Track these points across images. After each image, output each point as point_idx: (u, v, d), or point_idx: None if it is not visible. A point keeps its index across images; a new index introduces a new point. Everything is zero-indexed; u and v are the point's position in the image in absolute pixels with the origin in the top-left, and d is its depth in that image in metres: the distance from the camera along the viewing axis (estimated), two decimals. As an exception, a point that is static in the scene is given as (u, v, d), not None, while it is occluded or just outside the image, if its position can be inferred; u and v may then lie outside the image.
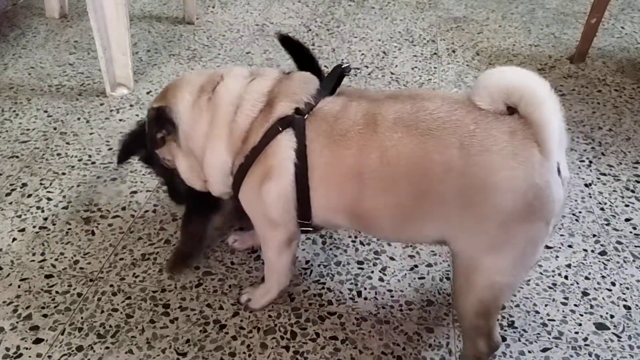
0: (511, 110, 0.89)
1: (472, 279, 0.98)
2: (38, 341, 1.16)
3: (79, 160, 1.70)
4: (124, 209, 1.51)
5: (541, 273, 1.35)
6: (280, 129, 1.00)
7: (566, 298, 1.28)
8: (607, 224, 1.50)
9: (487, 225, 0.91)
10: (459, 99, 0.94)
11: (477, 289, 0.98)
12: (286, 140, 1.00)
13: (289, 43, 1.22)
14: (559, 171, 0.88)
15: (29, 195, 1.55)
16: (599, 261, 1.39)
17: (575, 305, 1.27)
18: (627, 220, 1.52)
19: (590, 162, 1.74)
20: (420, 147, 0.92)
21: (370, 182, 0.97)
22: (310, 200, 1.03)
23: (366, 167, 0.96)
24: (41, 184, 1.60)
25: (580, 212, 1.54)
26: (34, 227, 1.45)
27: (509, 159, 0.87)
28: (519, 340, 1.18)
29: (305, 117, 1.00)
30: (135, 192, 1.57)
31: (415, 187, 0.94)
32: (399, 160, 0.94)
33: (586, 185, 1.64)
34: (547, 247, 1.42)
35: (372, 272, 1.34)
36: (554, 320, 1.23)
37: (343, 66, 1.08)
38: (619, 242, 1.44)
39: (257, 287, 1.25)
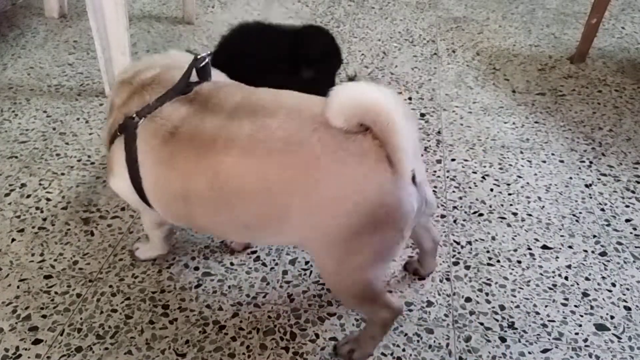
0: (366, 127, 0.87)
1: (336, 279, 1.01)
2: (37, 342, 1.16)
3: (78, 160, 1.69)
4: (123, 209, 1.51)
5: (541, 274, 1.34)
6: (119, 133, 1.04)
7: (566, 299, 1.28)
8: (607, 225, 1.50)
9: (337, 240, 0.91)
10: (308, 114, 0.90)
11: (345, 287, 1.01)
12: (118, 146, 1.04)
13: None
14: (414, 178, 0.88)
15: (28, 196, 1.55)
16: (599, 262, 1.38)
17: (576, 306, 1.27)
18: (627, 220, 1.52)
19: (591, 162, 1.74)
20: (258, 171, 0.89)
21: (200, 204, 0.97)
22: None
23: (193, 191, 0.96)
24: (40, 184, 1.59)
25: (580, 213, 1.53)
26: (33, 227, 1.44)
27: (358, 182, 0.86)
28: (519, 341, 1.18)
29: (138, 123, 1.00)
30: (134, 192, 1.57)
31: (256, 209, 0.93)
32: (233, 184, 0.92)
33: (586, 185, 1.64)
34: (547, 247, 1.42)
35: (372, 272, 1.34)
36: (554, 321, 1.23)
37: (198, 57, 1.04)
38: (619, 243, 1.44)
39: (147, 242, 1.33)
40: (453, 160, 1.74)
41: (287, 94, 0.97)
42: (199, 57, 1.04)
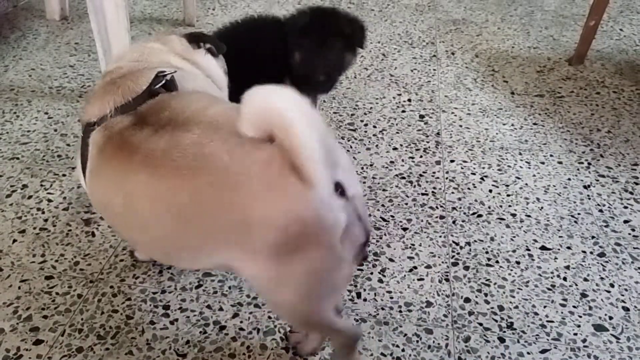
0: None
1: (276, 308, 0.98)
2: (38, 342, 1.16)
3: (79, 161, 1.70)
4: (124, 210, 1.51)
5: (540, 275, 1.35)
6: (82, 134, 1.01)
7: (565, 299, 1.29)
8: (605, 226, 1.50)
9: (258, 261, 0.82)
10: (223, 124, 0.84)
11: (288, 316, 0.98)
12: (79, 146, 1.02)
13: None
14: (342, 192, 0.79)
15: (30, 197, 1.56)
16: (598, 263, 1.39)
17: (574, 306, 1.27)
18: (625, 222, 1.52)
19: (589, 163, 1.75)
20: (166, 191, 0.83)
21: (120, 222, 0.96)
22: None
23: (113, 208, 0.93)
24: (41, 185, 1.60)
25: (579, 214, 1.54)
26: (34, 228, 1.45)
27: (264, 193, 0.78)
28: (518, 342, 1.19)
29: (94, 129, 0.96)
30: (135, 193, 1.58)
31: (172, 229, 0.88)
32: (143, 205, 0.87)
33: (585, 187, 1.65)
34: (546, 248, 1.43)
35: (372, 273, 1.34)
36: (552, 321, 1.24)
37: (158, 75, 0.98)
38: (617, 244, 1.45)
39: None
40: (452, 161, 1.74)
41: (215, 106, 0.91)
42: (159, 74, 0.98)
